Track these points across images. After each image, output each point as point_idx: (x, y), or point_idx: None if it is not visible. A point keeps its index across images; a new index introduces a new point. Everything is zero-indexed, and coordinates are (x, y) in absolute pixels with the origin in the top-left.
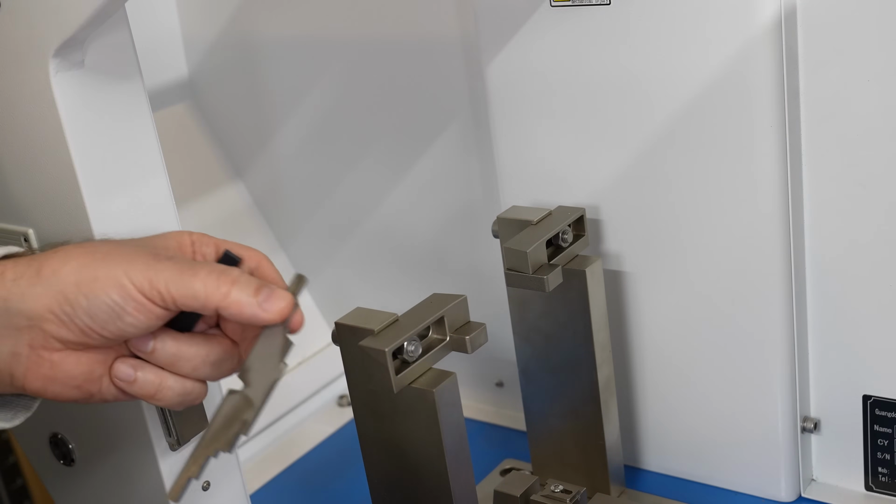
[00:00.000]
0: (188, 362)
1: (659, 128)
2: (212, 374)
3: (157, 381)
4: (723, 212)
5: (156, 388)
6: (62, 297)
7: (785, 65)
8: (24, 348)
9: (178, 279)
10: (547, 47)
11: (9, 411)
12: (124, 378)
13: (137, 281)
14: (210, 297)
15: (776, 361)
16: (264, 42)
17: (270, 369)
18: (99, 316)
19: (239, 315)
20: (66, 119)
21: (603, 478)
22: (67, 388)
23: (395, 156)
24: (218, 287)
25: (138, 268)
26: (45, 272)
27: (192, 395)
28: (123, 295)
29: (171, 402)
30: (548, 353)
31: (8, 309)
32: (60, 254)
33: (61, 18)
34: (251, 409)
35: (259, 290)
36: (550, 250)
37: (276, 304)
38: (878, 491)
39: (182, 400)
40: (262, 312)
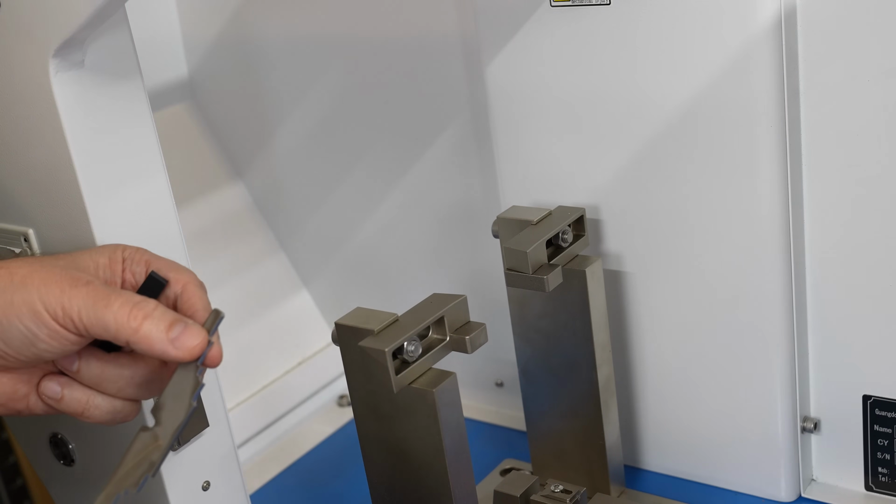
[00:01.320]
0: (113, 383)
1: (659, 128)
2: (138, 394)
3: (84, 400)
4: (723, 212)
5: (83, 406)
6: None
7: (785, 65)
8: None
9: (90, 308)
10: (547, 47)
11: None
12: (51, 395)
13: (51, 308)
14: (121, 331)
15: (776, 362)
16: (264, 42)
17: (179, 409)
18: (13, 342)
19: (149, 351)
20: (66, 119)
21: (603, 478)
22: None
23: (395, 156)
24: (129, 321)
25: (53, 294)
26: None
27: (121, 413)
28: (37, 322)
29: (101, 420)
30: (548, 353)
31: None
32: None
33: (61, 18)
34: (158, 450)
35: (172, 326)
36: (550, 250)
37: (189, 341)
38: (878, 491)
39: (112, 417)
40: (173, 350)
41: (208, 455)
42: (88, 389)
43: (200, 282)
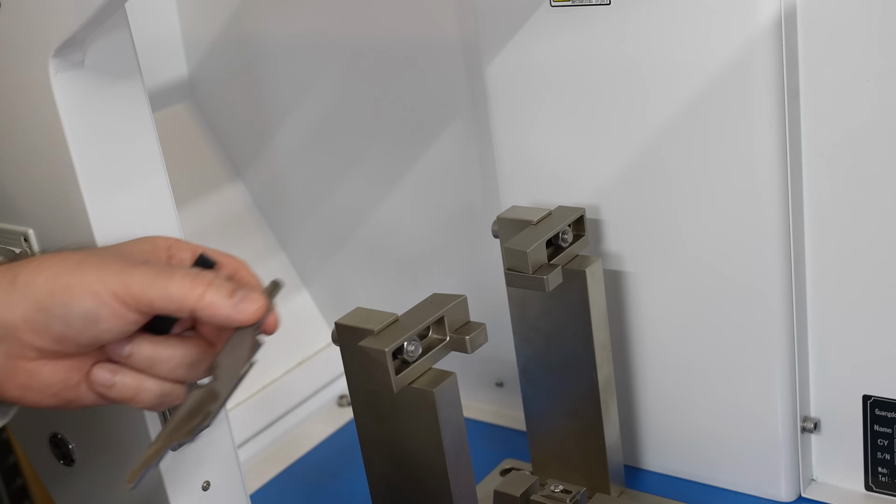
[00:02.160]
0: (165, 364)
1: (659, 128)
2: (189, 374)
3: (135, 385)
4: (723, 212)
5: (134, 391)
6: (37, 307)
7: (785, 65)
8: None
9: (152, 283)
10: (547, 47)
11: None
12: (102, 383)
13: (112, 286)
14: (186, 300)
15: (776, 361)
16: (264, 42)
17: (238, 366)
18: (74, 324)
19: (214, 317)
20: (66, 119)
21: (603, 478)
22: (44, 397)
23: (395, 156)
24: (193, 289)
25: (112, 273)
26: (19, 282)
27: (171, 396)
28: (98, 302)
29: (151, 405)
30: (548, 353)
31: None
32: (34, 264)
33: (61, 18)
34: (216, 401)
35: (234, 293)
36: (550, 250)
37: (250, 306)
38: (878, 491)
39: (161, 401)
40: (237, 314)
41: (208, 455)
42: (139, 374)
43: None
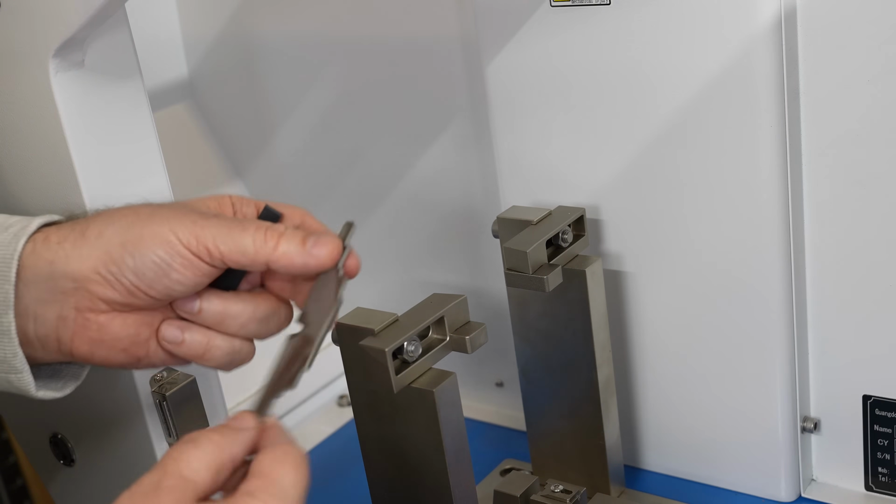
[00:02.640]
0: (235, 320)
1: (659, 128)
2: (259, 331)
3: (204, 342)
4: (723, 212)
5: (204, 348)
6: (108, 258)
7: (785, 65)
8: (70, 311)
9: (226, 235)
10: (547, 47)
11: (58, 381)
12: (171, 340)
13: (184, 237)
14: (259, 252)
15: (776, 361)
16: (264, 42)
17: (327, 306)
18: (146, 274)
19: (290, 266)
20: (66, 119)
21: (603, 478)
22: (114, 352)
23: (395, 156)
24: (266, 241)
25: (185, 225)
26: (89, 234)
27: (240, 353)
28: (170, 251)
29: (220, 362)
30: (548, 353)
31: (54, 272)
32: (104, 216)
33: (61, 18)
34: (311, 345)
35: (305, 240)
36: (550, 250)
37: (323, 249)
38: (878, 491)
39: (231, 359)
40: (311, 259)
41: None
42: (208, 331)
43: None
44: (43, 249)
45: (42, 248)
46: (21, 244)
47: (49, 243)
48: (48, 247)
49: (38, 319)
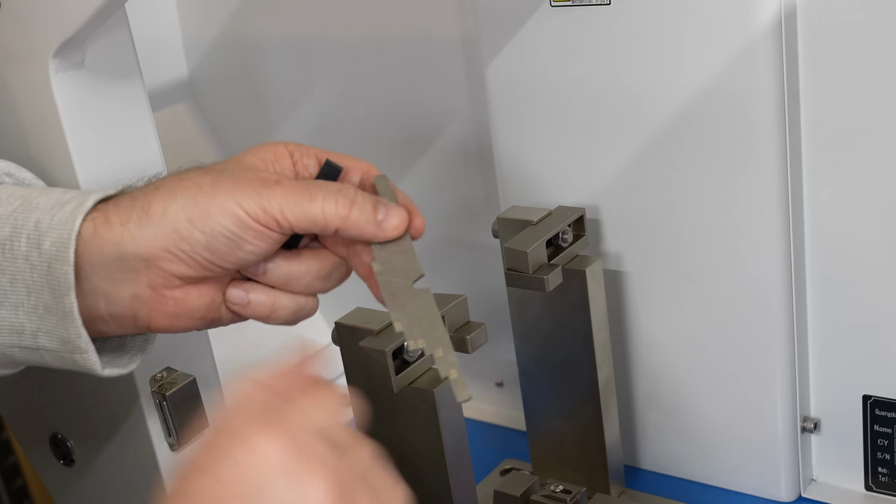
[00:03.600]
0: (300, 280)
1: (659, 128)
2: (324, 286)
3: (270, 302)
4: (723, 212)
5: (270, 308)
6: (177, 235)
7: (785, 65)
8: (144, 290)
9: (294, 205)
10: (547, 47)
11: (124, 356)
12: (238, 302)
13: (252, 210)
14: (330, 221)
15: (776, 361)
16: (264, 42)
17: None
18: (218, 249)
19: (359, 235)
20: (66, 119)
21: (603, 478)
22: (192, 321)
23: (395, 156)
24: (337, 210)
25: (250, 196)
26: (153, 212)
27: (305, 309)
28: (240, 225)
29: (286, 320)
30: (548, 353)
31: (122, 253)
32: (163, 191)
33: (61, 18)
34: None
35: (376, 209)
36: (550, 250)
37: (394, 220)
38: (878, 491)
39: (296, 316)
40: (381, 232)
41: None
42: (273, 290)
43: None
44: (106, 231)
45: (105, 230)
46: (78, 223)
47: (111, 224)
48: (111, 228)
49: (109, 299)
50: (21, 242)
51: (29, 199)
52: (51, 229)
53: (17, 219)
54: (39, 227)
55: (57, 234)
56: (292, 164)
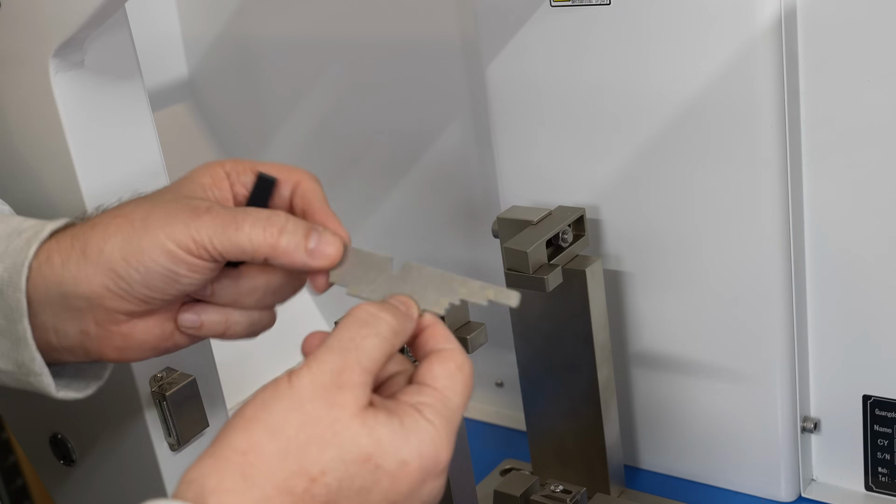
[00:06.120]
0: (250, 296)
1: (659, 128)
2: (275, 300)
3: (223, 320)
4: (723, 212)
5: (223, 326)
6: (115, 275)
7: (785, 65)
8: (91, 326)
9: (221, 235)
10: (547, 48)
11: (81, 381)
12: (191, 325)
13: (182, 242)
14: (258, 250)
15: (776, 361)
16: (264, 42)
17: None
18: (156, 285)
19: (290, 264)
20: (66, 119)
21: (603, 478)
22: (144, 352)
23: (395, 156)
24: (265, 238)
25: (179, 229)
26: (90, 252)
27: (261, 323)
28: (173, 259)
29: (243, 335)
30: (548, 353)
31: (64, 293)
32: (100, 229)
33: (61, 18)
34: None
35: (308, 236)
36: (550, 250)
37: (327, 248)
38: (878, 491)
39: (252, 330)
40: (314, 261)
41: None
42: (225, 309)
43: (313, 175)
44: (48, 270)
45: (47, 268)
46: (32, 251)
47: (53, 265)
48: (52, 269)
49: (59, 333)
50: None
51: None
52: (5, 255)
53: None
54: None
55: (10, 260)
56: (229, 185)
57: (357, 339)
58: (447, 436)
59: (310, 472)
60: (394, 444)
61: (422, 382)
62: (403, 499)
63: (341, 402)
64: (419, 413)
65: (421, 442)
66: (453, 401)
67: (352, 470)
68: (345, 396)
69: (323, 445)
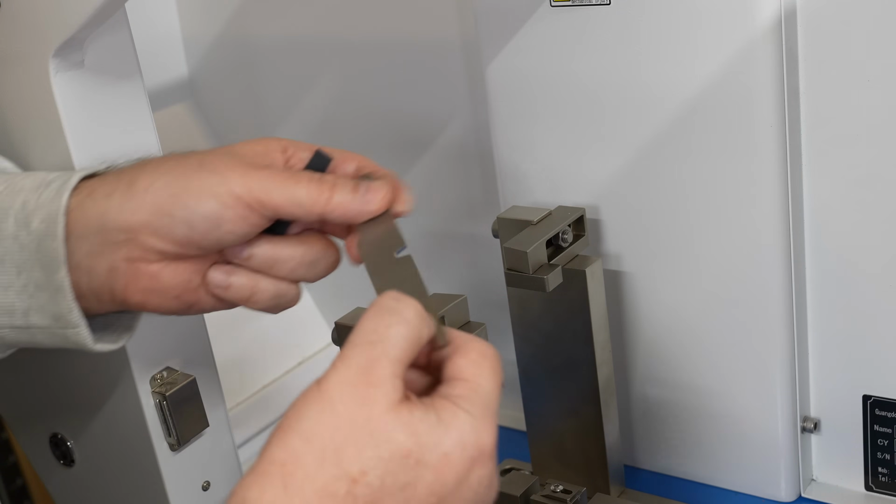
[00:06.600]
0: (285, 265)
1: (659, 128)
2: (307, 274)
3: (250, 286)
4: (723, 212)
5: (250, 292)
6: (159, 210)
7: (785, 65)
8: (121, 263)
9: (280, 188)
10: (547, 48)
11: (112, 333)
12: (218, 284)
13: (235, 190)
14: (314, 204)
15: (776, 361)
16: (264, 42)
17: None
18: (197, 227)
19: (345, 215)
20: (66, 119)
21: (603, 478)
22: (167, 300)
23: (395, 156)
24: (320, 193)
25: (234, 177)
26: (138, 186)
27: (286, 297)
28: (221, 204)
29: (266, 306)
30: (548, 353)
31: (105, 224)
32: (150, 167)
33: (61, 18)
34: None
35: (357, 188)
36: (550, 250)
37: (376, 195)
38: (878, 491)
39: (276, 303)
40: (366, 206)
41: (208, 455)
42: (255, 275)
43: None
44: (90, 203)
45: (89, 202)
46: (65, 199)
47: (96, 196)
48: (96, 200)
49: (90, 273)
50: (8, 223)
51: (12, 182)
52: (38, 208)
53: (3, 201)
54: (27, 207)
55: (45, 211)
56: (284, 158)
57: (381, 329)
58: (487, 421)
59: (350, 473)
60: (433, 438)
61: (450, 378)
62: (452, 491)
63: (372, 399)
64: (455, 405)
65: (462, 432)
66: (485, 387)
67: (392, 467)
68: (375, 393)
69: (360, 446)
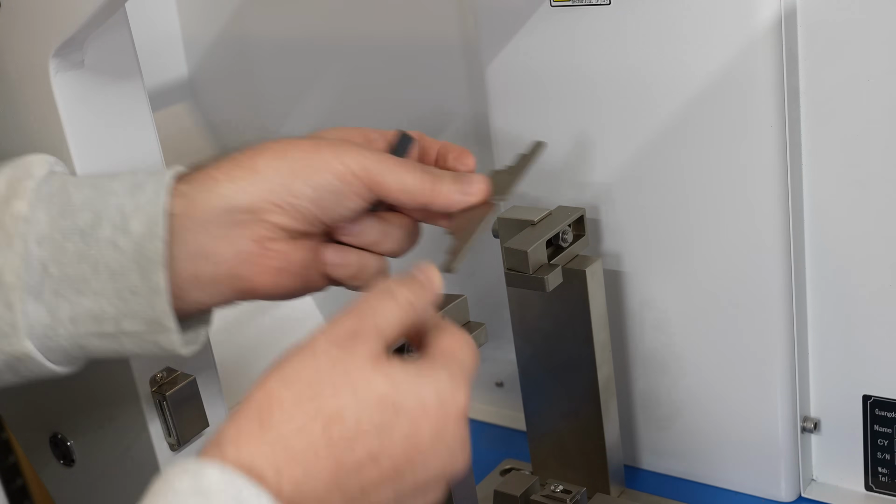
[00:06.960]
0: (393, 239)
1: (659, 128)
2: (403, 248)
3: (360, 262)
4: (723, 212)
5: (358, 268)
6: (283, 189)
7: (785, 65)
8: (248, 245)
9: (391, 171)
10: (547, 47)
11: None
12: (334, 262)
13: (355, 167)
14: (420, 192)
15: (776, 361)
16: (264, 42)
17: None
18: (323, 201)
19: (447, 205)
20: (66, 119)
21: (603, 478)
22: (293, 279)
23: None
24: (424, 183)
25: (352, 156)
26: (260, 168)
27: (382, 272)
28: (343, 181)
29: (366, 281)
30: (548, 353)
31: (230, 206)
32: (269, 151)
33: (61, 18)
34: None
35: (458, 179)
36: (550, 250)
37: (476, 187)
38: (878, 491)
39: (374, 278)
40: (468, 197)
41: None
42: (362, 252)
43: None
44: (213, 186)
45: (212, 185)
46: (165, 199)
47: (218, 181)
48: (218, 184)
49: (216, 258)
50: (104, 228)
51: (100, 186)
52: (137, 211)
53: (96, 205)
54: (123, 211)
55: (145, 214)
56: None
57: (374, 303)
58: (463, 380)
59: (326, 413)
60: (411, 387)
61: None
62: (427, 443)
63: (353, 349)
64: (433, 362)
65: (439, 383)
66: (461, 357)
67: (369, 410)
68: (357, 345)
69: (338, 387)
